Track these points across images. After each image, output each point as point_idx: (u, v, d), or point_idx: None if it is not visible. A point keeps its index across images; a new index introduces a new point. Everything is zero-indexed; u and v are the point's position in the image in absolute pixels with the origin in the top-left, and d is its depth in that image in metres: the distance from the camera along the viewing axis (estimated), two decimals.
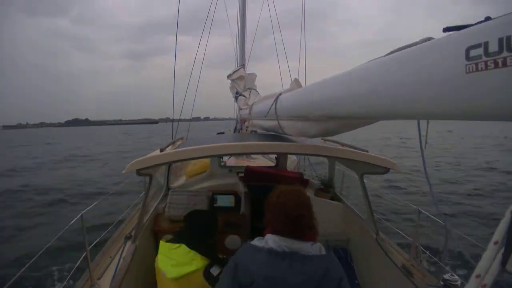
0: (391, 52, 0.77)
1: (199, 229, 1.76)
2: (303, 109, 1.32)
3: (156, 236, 2.81)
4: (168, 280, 1.56)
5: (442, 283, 1.95)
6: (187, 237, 1.69)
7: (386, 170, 2.09)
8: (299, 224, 1.14)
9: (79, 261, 1.99)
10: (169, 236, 1.82)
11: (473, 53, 0.52)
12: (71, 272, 2.00)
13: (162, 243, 1.74)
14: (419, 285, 1.92)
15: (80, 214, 1.97)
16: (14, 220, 6.91)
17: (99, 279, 1.96)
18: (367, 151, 2.11)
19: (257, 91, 4.07)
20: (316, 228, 1.21)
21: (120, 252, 2.18)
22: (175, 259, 1.60)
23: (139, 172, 1.85)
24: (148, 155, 1.93)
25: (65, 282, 1.96)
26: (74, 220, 1.96)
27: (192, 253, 1.60)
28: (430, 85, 0.61)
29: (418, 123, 0.93)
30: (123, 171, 1.83)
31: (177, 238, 1.71)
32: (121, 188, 3.12)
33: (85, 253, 1.94)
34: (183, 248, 1.63)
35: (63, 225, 2.00)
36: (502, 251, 0.72)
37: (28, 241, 5.54)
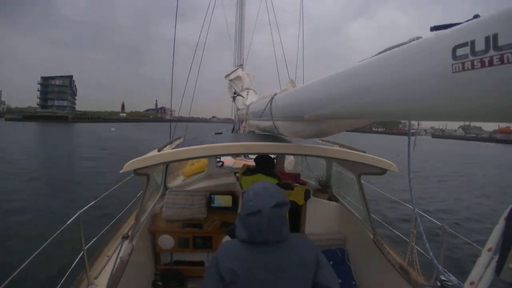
0: (382, 52, 0.77)
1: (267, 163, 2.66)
2: (296, 109, 1.32)
3: (153, 236, 2.81)
4: None
5: (438, 283, 1.95)
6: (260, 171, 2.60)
7: (383, 171, 2.10)
8: None
9: (76, 260, 1.98)
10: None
11: (459, 52, 0.51)
12: (68, 272, 1.99)
13: (244, 178, 2.66)
14: (415, 285, 1.92)
15: (78, 213, 1.96)
16: None
17: (96, 278, 1.96)
18: (364, 152, 2.11)
19: (254, 92, 4.07)
20: None
21: (117, 252, 2.17)
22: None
23: (136, 172, 1.85)
24: (146, 155, 1.93)
25: (62, 282, 1.94)
26: (72, 219, 1.96)
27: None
28: (418, 85, 0.61)
29: (409, 123, 0.93)
30: (121, 171, 1.83)
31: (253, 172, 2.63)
32: (119, 188, 3.12)
33: (82, 252, 1.94)
34: (261, 175, 2.54)
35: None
36: (496, 258, 0.71)
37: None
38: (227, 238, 1.46)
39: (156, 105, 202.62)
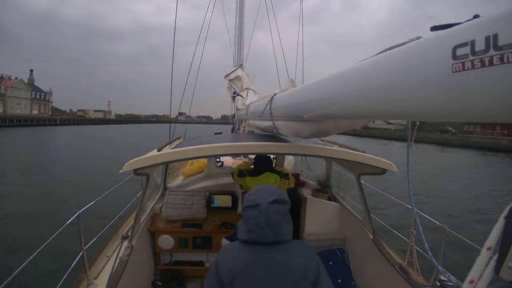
0: (382, 52, 0.77)
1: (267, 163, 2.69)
2: (296, 109, 1.33)
3: (153, 236, 2.81)
4: None
5: (438, 283, 1.94)
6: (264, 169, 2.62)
7: (383, 171, 2.10)
8: None
9: (76, 260, 1.98)
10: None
11: (459, 52, 0.51)
12: (67, 272, 1.99)
13: (249, 178, 2.62)
14: (415, 285, 1.92)
15: (77, 213, 1.96)
16: None
17: (95, 278, 1.95)
18: (364, 152, 2.12)
19: (254, 92, 4.06)
20: None
21: (116, 252, 2.17)
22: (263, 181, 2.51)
23: (136, 171, 1.86)
24: (146, 155, 1.93)
25: (61, 282, 1.93)
26: (71, 219, 1.96)
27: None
28: (418, 85, 0.61)
29: (409, 123, 0.93)
30: (120, 171, 1.83)
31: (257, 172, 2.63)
32: (118, 188, 3.12)
33: (81, 252, 1.94)
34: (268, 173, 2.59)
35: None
36: (495, 257, 0.71)
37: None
38: (225, 241, 1.45)
39: (30, 80, 78.35)
